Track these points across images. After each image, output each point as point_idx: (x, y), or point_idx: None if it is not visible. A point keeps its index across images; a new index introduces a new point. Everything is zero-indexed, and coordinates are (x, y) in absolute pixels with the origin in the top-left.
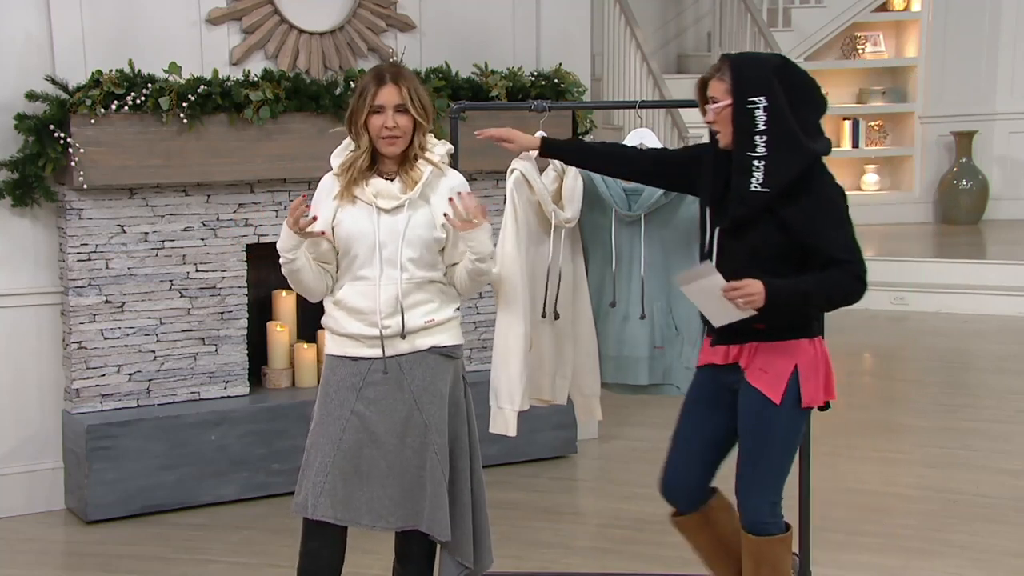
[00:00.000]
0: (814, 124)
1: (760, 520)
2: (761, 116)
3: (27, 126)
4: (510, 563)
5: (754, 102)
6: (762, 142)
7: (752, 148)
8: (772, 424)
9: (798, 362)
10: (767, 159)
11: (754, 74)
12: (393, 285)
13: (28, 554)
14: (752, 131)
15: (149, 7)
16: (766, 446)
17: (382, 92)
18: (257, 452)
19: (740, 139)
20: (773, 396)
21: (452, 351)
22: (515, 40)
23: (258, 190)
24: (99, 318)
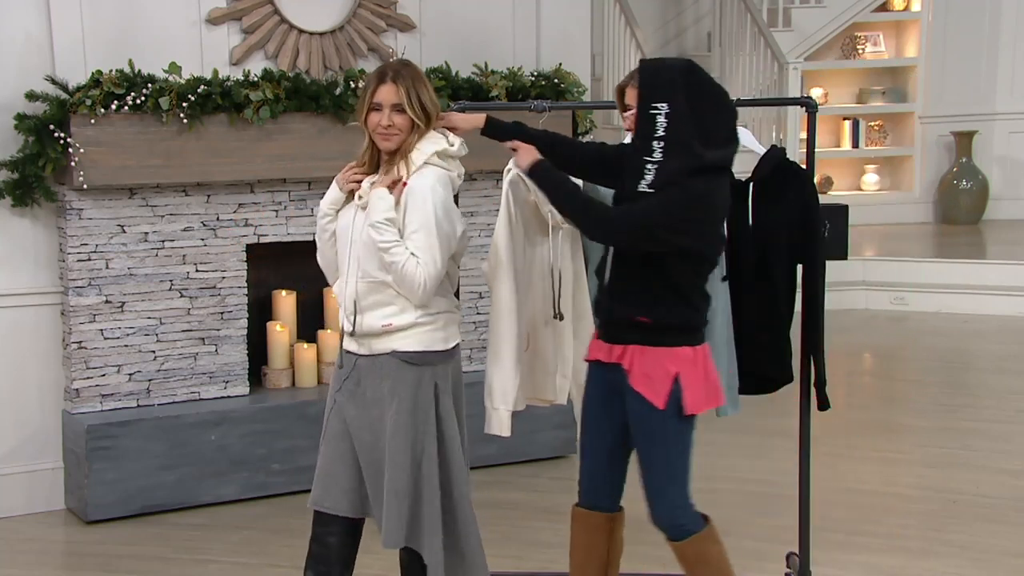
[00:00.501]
0: (720, 131)
1: (673, 524)
2: (662, 122)
3: (27, 126)
4: (510, 563)
5: (657, 108)
6: (659, 147)
7: (650, 153)
8: (659, 431)
9: (680, 369)
10: (660, 164)
11: (659, 81)
12: (353, 284)
13: (28, 554)
14: (652, 136)
15: (149, 7)
16: (657, 453)
17: (380, 90)
18: (257, 452)
19: (641, 143)
20: (657, 402)
21: (415, 358)
22: (515, 40)
23: (258, 190)
24: (99, 318)
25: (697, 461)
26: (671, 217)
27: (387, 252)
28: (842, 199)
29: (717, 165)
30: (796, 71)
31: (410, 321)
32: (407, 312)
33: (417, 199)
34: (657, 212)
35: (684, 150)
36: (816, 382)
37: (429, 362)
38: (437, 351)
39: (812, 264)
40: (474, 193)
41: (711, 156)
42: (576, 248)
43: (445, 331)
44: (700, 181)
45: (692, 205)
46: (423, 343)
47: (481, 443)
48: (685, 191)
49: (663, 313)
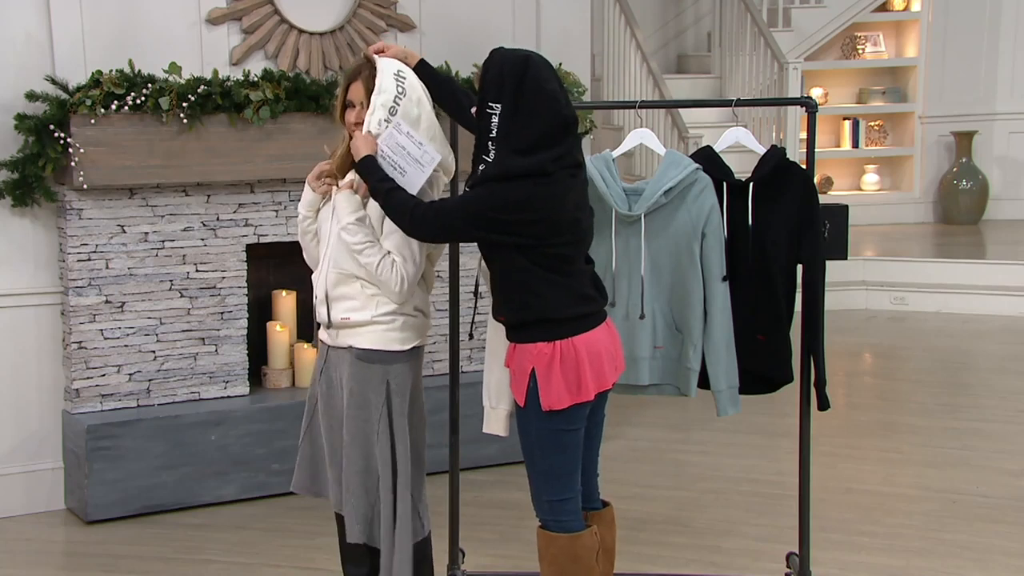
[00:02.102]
0: (531, 136)
1: (541, 516)
2: (496, 121)
3: (27, 126)
4: (509, 563)
5: (492, 108)
6: (492, 148)
7: (487, 152)
8: (525, 428)
9: (535, 365)
10: (486, 163)
11: (494, 77)
12: (324, 275)
13: (28, 554)
14: (488, 135)
15: (149, 7)
16: (528, 448)
17: (352, 88)
18: (257, 452)
19: (478, 140)
20: (518, 399)
21: (368, 355)
22: (515, 40)
23: (258, 190)
24: (99, 318)
25: (698, 460)
26: (470, 216)
27: (360, 254)
28: (842, 199)
29: (523, 174)
30: (796, 71)
31: (367, 318)
32: (366, 309)
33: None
34: (447, 206)
35: (500, 155)
36: (816, 382)
37: (382, 361)
38: (392, 351)
39: (812, 264)
40: None
41: (516, 164)
42: None
43: (402, 332)
44: (509, 187)
45: (497, 206)
46: (377, 342)
47: (481, 443)
48: (490, 194)
49: (514, 309)
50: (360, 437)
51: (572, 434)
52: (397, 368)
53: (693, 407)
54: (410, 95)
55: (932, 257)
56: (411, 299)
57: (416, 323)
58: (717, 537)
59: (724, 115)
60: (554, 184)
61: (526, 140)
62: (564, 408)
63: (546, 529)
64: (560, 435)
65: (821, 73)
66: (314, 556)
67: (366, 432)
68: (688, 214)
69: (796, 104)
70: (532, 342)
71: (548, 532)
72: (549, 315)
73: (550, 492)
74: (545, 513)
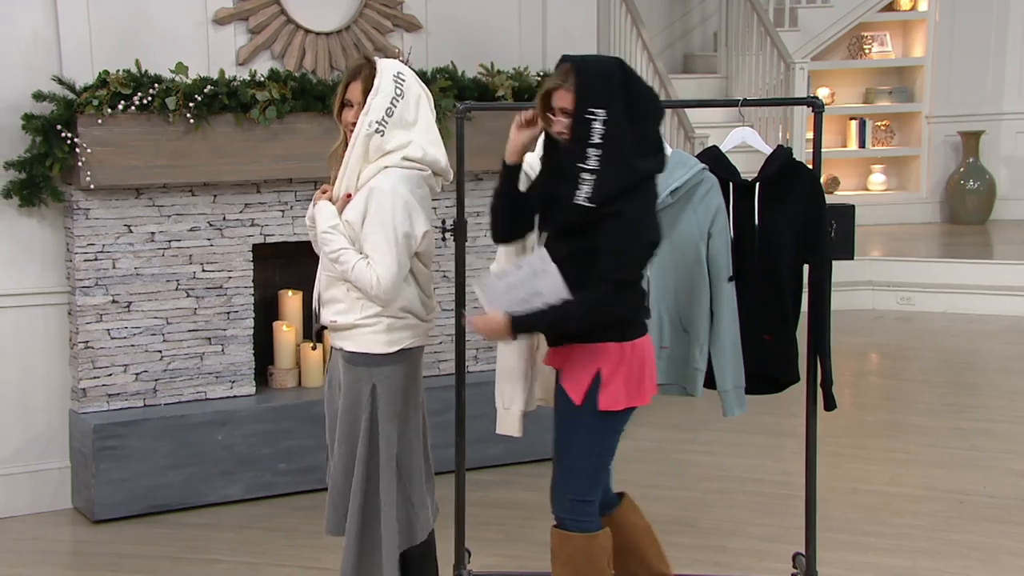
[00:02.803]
0: (651, 137)
1: (561, 515)
2: (598, 129)
3: (34, 126)
4: (515, 563)
5: (594, 113)
6: (595, 155)
7: (584, 159)
8: (573, 425)
9: (601, 366)
10: (597, 173)
11: (597, 84)
12: (320, 275)
13: (35, 553)
14: (587, 142)
15: (156, 7)
16: (567, 445)
17: (350, 88)
18: (263, 452)
19: (574, 148)
20: (575, 397)
21: (353, 358)
22: (521, 40)
23: (264, 190)
24: (106, 318)
25: (704, 460)
26: (630, 247)
27: (336, 261)
28: (849, 199)
29: (650, 175)
30: (803, 71)
31: (351, 322)
32: (351, 312)
33: (376, 200)
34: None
35: (621, 161)
36: (823, 382)
37: (368, 363)
38: (377, 354)
39: (819, 264)
40: (480, 193)
41: (646, 166)
42: None
43: (388, 334)
44: (637, 199)
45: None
46: (361, 345)
47: (487, 443)
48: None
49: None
50: (346, 436)
51: (615, 437)
52: (384, 371)
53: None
54: (408, 98)
55: (939, 257)
56: (406, 301)
57: (405, 324)
58: (723, 537)
59: (730, 115)
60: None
61: (649, 141)
62: (619, 410)
63: (562, 528)
64: (605, 436)
65: (828, 73)
66: (320, 556)
67: (352, 432)
68: (694, 214)
69: (802, 104)
70: (602, 342)
71: (564, 531)
72: (624, 317)
73: (575, 491)
74: (565, 512)
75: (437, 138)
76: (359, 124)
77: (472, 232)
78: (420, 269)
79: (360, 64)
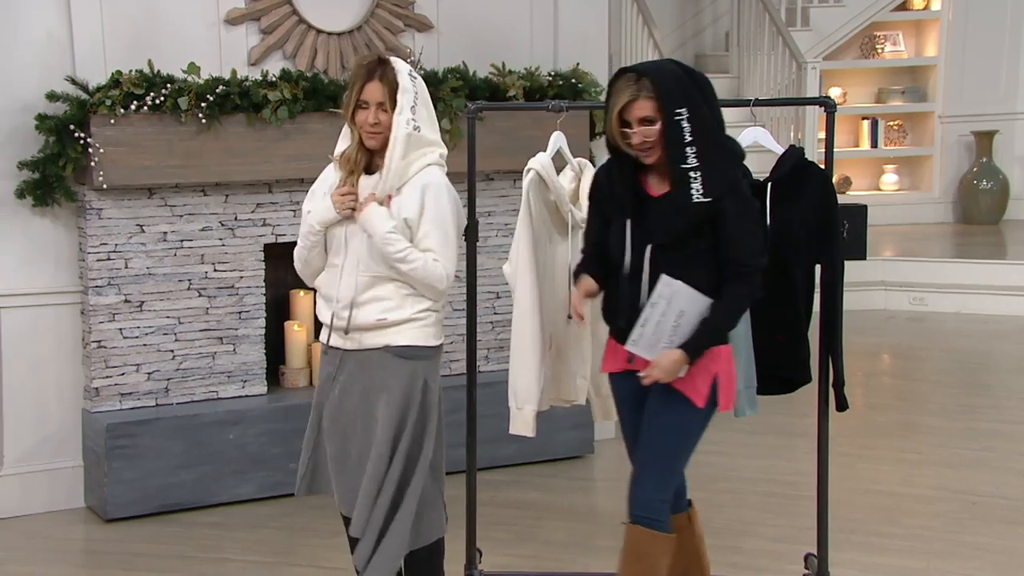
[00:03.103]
0: (723, 124)
1: (649, 514)
2: (686, 127)
3: (48, 126)
4: (527, 562)
5: (679, 114)
6: (692, 153)
7: (684, 160)
8: (688, 426)
9: (718, 369)
10: (701, 169)
11: (672, 86)
12: (351, 280)
13: (48, 552)
14: (682, 143)
15: (168, 8)
16: (674, 446)
17: (367, 88)
18: (274, 451)
19: (672, 153)
20: (697, 400)
21: (407, 352)
22: (533, 40)
23: (276, 190)
24: (118, 317)
25: (715, 461)
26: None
27: (403, 261)
28: (861, 199)
29: (741, 154)
30: (815, 71)
31: (406, 316)
32: (403, 308)
33: (432, 195)
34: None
35: (718, 149)
36: (835, 382)
37: (419, 357)
38: (428, 346)
39: (831, 264)
40: (491, 193)
41: (738, 151)
42: None
43: (435, 328)
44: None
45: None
46: (415, 338)
47: (499, 443)
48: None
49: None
50: (390, 431)
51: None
52: (431, 364)
53: None
54: (422, 94)
55: (951, 257)
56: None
57: (441, 318)
58: (735, 537)
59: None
60: None
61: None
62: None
63: (637, 523)
64: (700, 436)
65: (840, 73)
66: (331, 555)
67: (399, 428)
68: None
69: (815, 104)
70: (716, 345)
71: (650, 530)
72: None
73: (669, 491)
74: (653, 512)
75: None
76: (397, 124)
77: (484, 232)
78: None
79: (372, 63)
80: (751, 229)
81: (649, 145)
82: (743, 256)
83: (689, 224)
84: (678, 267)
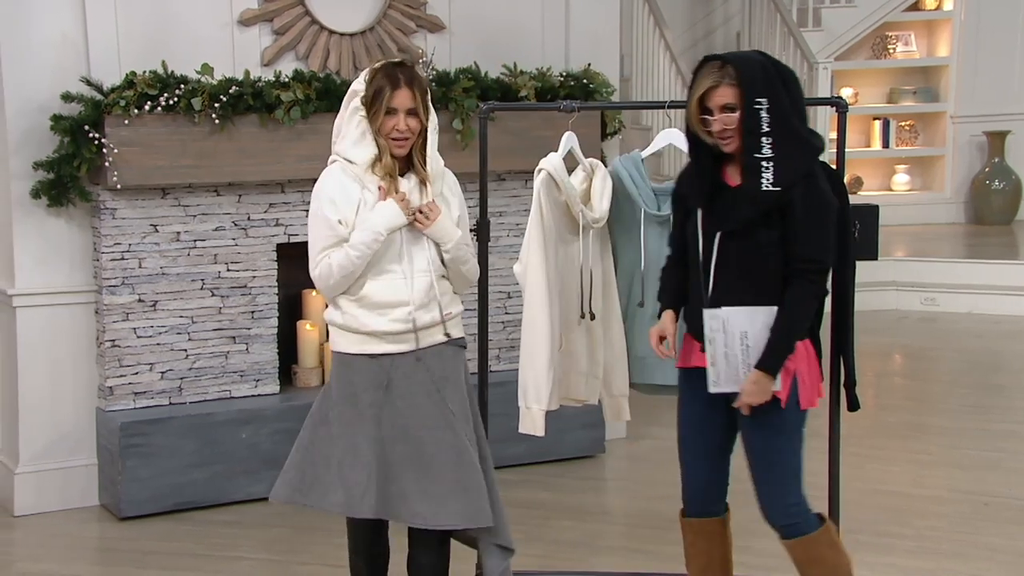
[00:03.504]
0: (806, 117)
1: (788, 523)
2: (765, 117)
3: (63, 127)
4: (537, 562)
5: (759, 103)
6: (768, 143)
7: (759, 149)
8: (780, 428)
9: (797, 366)
10: (774, 159)
11: (756, 75)
12: (424, 281)
13: (63, 549)
14: (759, 132)
15: (182, 9)
16: (775, 451)
17: (397, 95)
18: (287, 450)
19: (747, 141)
20: (781, 400)
21: (462, 342)
22: (544, 41)
23: (288, 190)
24: (132, 317)
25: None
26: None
27: (466, 263)
28: (872, 199)
29: (821, 151)
30: (826, 71)
31: (460, 309)
32: (455, 303)
33: (458, 197)
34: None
35: (794, 142)
36: (846, 383)
37: (465, 347)
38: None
39: (842, 264)
40: (503, 193)
41: (816, 144)
42: (606, 248)
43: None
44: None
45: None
46: (462, 330)
47: (510, 443)
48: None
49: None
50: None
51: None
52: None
53: None
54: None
55: (963, 258)
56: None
57: None
58: (747, 537)
59: None
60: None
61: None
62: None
63: (797, 535)
64: (802, 433)
65: (851, 73)
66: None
67: (475, 414)
68: None
69: (826, 104)
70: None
71: (806, 535)
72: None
73: (795, 493)
74: (792, 518)
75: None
76: (432, 129)
77: (495, 232)
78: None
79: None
80: (818, 225)
81: (729, 133)
82: (805, 252)
83: (757, 213)
84: (749, 256)
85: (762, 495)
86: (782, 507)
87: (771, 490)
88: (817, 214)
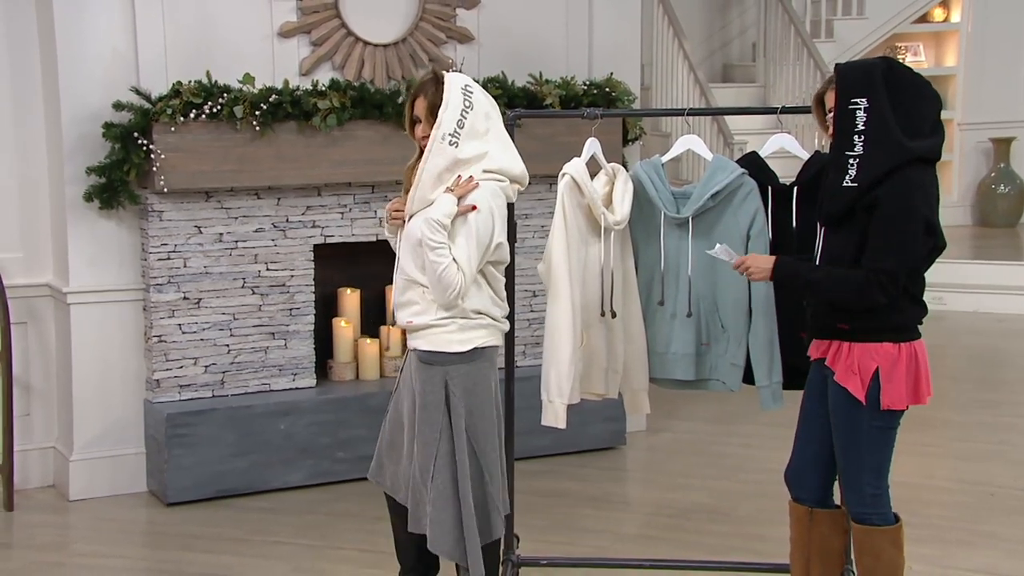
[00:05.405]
0: (923, 122)
1: (860, 511)
2: (861, 116)
3: (114, 134)
4: (561, 549)
5: (856, 103)
6: (860, 141)
7: (851, 147)
8: (857, 423)
9: (880, 364)
10: (862, 157)
11: (857, 77)
12: (396, 279)
13: (113, 533)
14: (852, 131)
15: (226, 22)
16: (853, 443)
17: (416, 104)
18: (322, 441)
19: (840, 139)
20: (858, 395)
21: (427, 356)
22: (568, 51)
23: (325, 193)
24: (177, 313)
25: (741, 452)
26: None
27: (433, 251)
28: None
29: (924, 156)
30: None
31: (426, 322)
32: (427, 313)
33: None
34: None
35: (886, 142)
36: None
37: (441, 362)
38: (450, 352)
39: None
40: (528, 196)
41: (917, 147)
42: (626, 249)
43: (461, 334)
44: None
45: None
46: (435, 344)
47: (535, 434)
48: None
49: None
50: (424, 434)
51: (895, 432)
52: (457, 368)
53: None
54: (477, 110)
55: (969, 259)
56: (481, 302)
57: (478, 324)
58: (760, 526)
59: (768, 122)
60: (934, 172)
61: (919, 124)
62: (901, 409)
63: (866, 523)
64: (888, 432)
65: None
66: (377, 540)
67: (431, 430)
68: (734, 217)
69: None
70: (879, 342)
71: (874, 526)
72: (897, 317)
73: (874, 485)
74: (867, 507)
75: (510, 145)
76: (432, 138)
77: (521, 233)
78: (493, 274)
79: (425, 80)
80: (890, 231)
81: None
82: (871, 256)
83: (838, 208)
84: (838, 249)
85: (841, 479)
86: (856, 494)
87: (845, 478)
88: (891, 219)
